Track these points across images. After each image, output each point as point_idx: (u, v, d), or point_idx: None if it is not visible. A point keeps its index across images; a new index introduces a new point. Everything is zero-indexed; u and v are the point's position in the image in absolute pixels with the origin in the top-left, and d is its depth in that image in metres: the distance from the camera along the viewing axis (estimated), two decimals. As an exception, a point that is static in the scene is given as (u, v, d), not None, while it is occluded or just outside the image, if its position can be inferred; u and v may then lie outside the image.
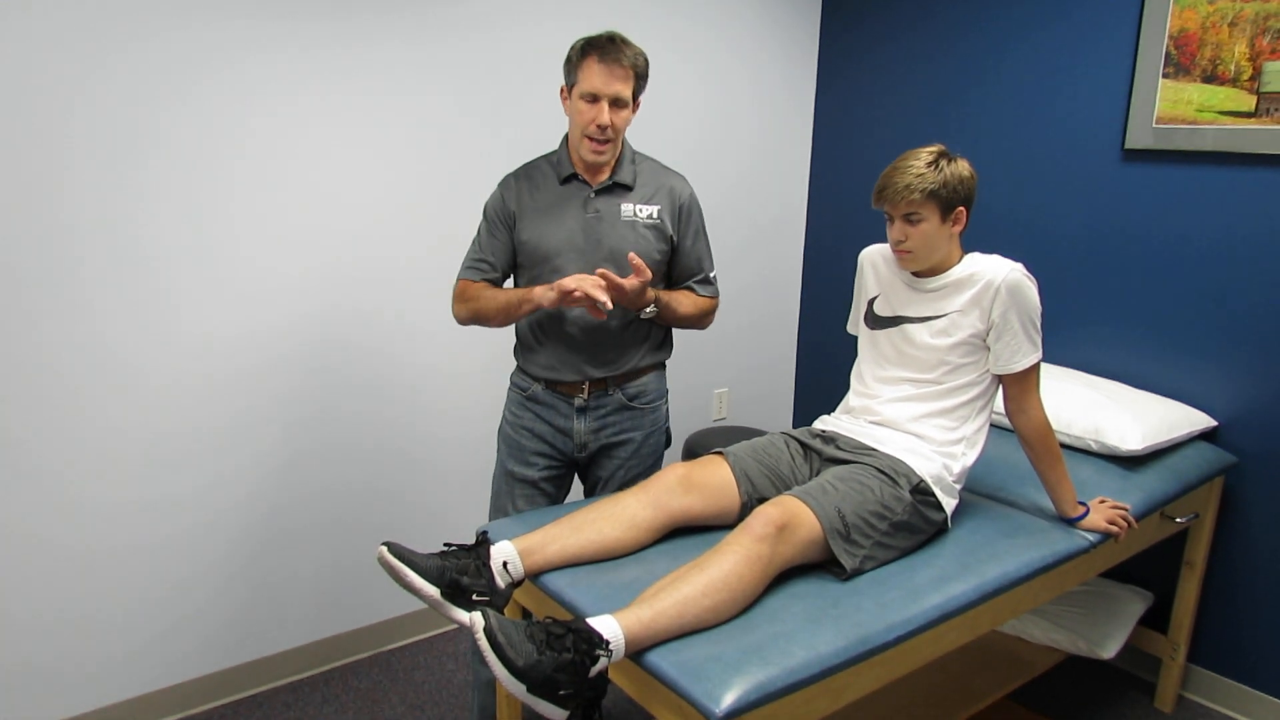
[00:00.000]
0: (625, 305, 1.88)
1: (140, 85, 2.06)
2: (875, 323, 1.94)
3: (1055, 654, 2.37)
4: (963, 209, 1.78)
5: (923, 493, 1.74)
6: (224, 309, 2.26)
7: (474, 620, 1.29)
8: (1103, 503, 1.94)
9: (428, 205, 2.55)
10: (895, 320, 1.89)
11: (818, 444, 1.86)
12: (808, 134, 3.45)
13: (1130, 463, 2.20)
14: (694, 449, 2.96)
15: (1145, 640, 2.55)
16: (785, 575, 1.57)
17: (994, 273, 1.77)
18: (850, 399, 1.99)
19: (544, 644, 1.28)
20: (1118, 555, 2.01)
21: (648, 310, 1.94)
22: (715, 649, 1.36)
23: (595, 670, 1.30)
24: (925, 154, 1.76)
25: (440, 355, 2.67)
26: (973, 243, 1.90)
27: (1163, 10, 2.41)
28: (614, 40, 1.86)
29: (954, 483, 1.82)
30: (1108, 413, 2.25)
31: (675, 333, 2.15)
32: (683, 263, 2.07)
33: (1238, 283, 2.37)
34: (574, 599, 1.52)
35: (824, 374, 3.57)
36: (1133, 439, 2.17)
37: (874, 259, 1.97)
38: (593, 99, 1.86)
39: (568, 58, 1.90)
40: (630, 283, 1.81)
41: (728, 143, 3.20)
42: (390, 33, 2.39)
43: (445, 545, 1.55)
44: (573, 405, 2.02)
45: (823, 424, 1.96)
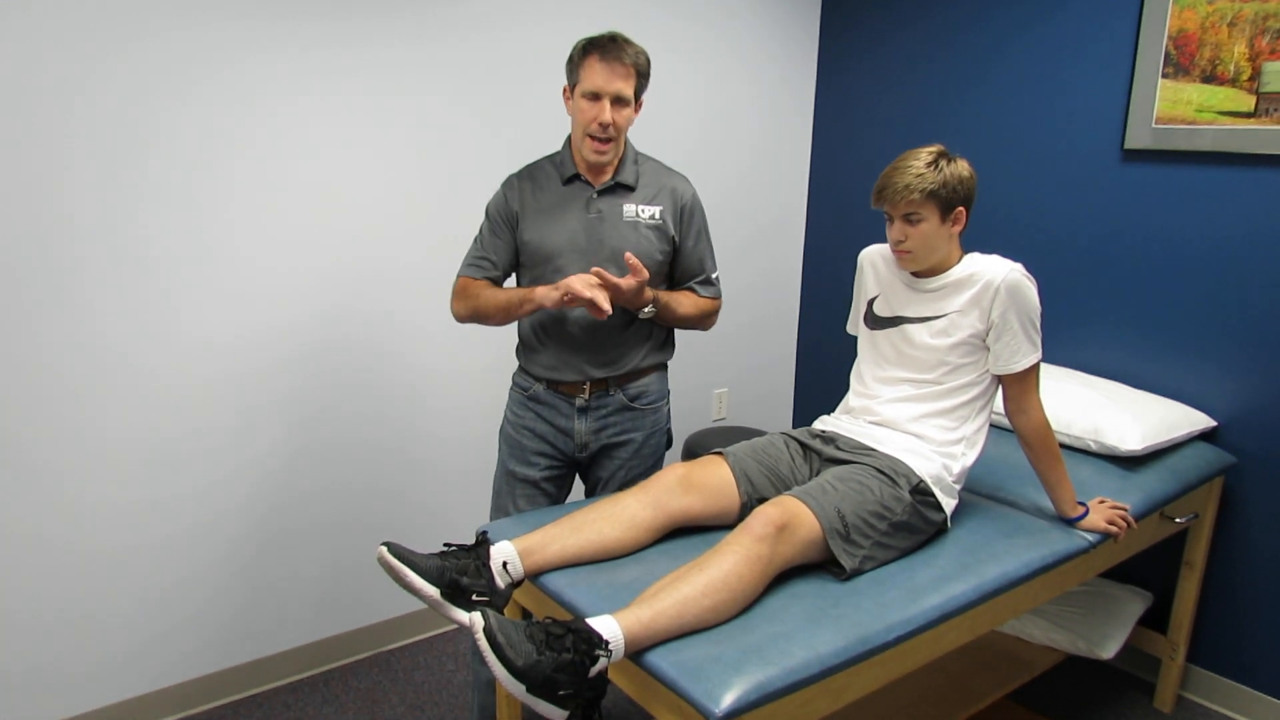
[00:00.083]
0: (623, 305, 1.89)
1: (140, 85, 2.06)
2: (875, 323, 1.94)
3: (1055, 654, 2.37)
4: (962, 209, 1.78)
5: (922, 493, 1.74)
6: (224, 309, 2.27)
7: (474, 620, 1.30)
8: (1102, 503, 1.94)
9: (428, 205, 2.55)
10: (895, 320, 1.89)
11: (817, 444, 1.86)
12: (808, 134, 3.45)
13: (1130, 463, 2.20)
14: (694, 449, 2.96)
15: (1145, 640, 2.55)
16: (785, 575, 1.57)
17: (993, 273, 1.77)
18: (850, 399, 1.99)
19: (544, 644, 1.28)
20: (1117, 555, 2.01)
21: (646, 310, 1.94)
22: (715, 649, 1.36)
23: (595, 670, 1.30)
24: (925, 154, 1.76)
25: (440, 355, 2.67)
26: (972, 243, 1.90)
27: (1162, 10, 2.41)
28: (615, 39, 1.87)
29: (953, 483, 1.82)
30: (1107, 413, 2.25)
31: (675, 332, 2.15)
32: (684, 263, 2.07)
33: (1237, 283, 2.37)
34: (574, 599, 1.52)
35: (824, 374, 3.57)
36: (1132, 439, 2.17)
37: (874, 259, 1.97)
38: (594, 97, 1.86)
39: (570, 57, 1.90)
40: (627, 282, 1.82)
41: (728, 143, 3.20)
42: (390, 33, 2.39)
43: (445, 545, 1.55)
44: (574, 405, 2.03)
45: (822, 424, 1.97)
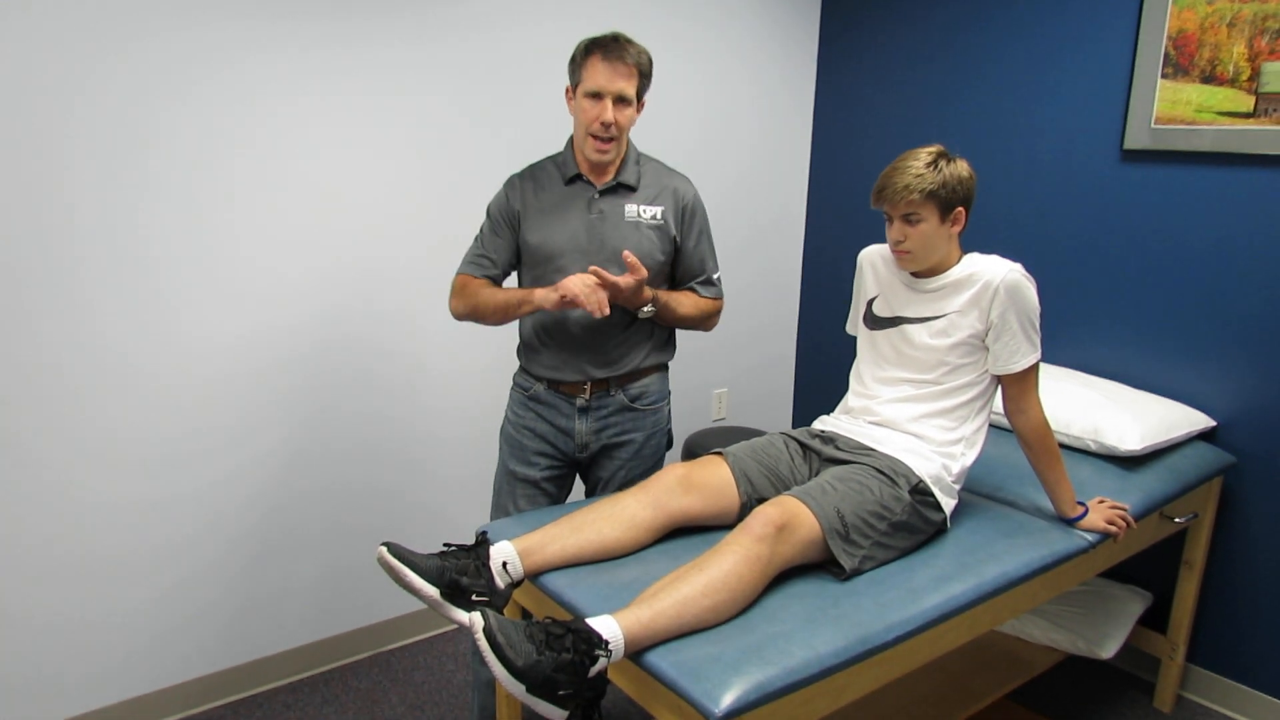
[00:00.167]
0: (622, 304, 1.89)
1: (140, 85, 2.06)
2: (874, 323, 1.94)
3: (1054, 654, 2.37)
4: (962, 209, 1.78)
5: (922, 493, 1.74)
6: (224, 309, 2.27)
7: (473, 620, 1.30)
8: (1102, 503, 1.94)
9: (428, 205, 2.55)
10: (894, 321, 1.90)
11: (817, 444, 1.86)
12: (808, 134, 3.45)
13: (1129, 463, 2.20)
14: (694, 449, 2.96)
15: (1144, 640, 2.56)
16: (785, 575, 1.57)
17: (993, 273, 1.77)
18: (849, 399, 1.99)
19: (543, 644, 1.28)
20: (1117, 555, 2.01)
21: (646, 309, 1.94)
22: (714, 649, 1.36)
23: (594, 670, 1.30)
24: (924, 154, 1.76)
25: (441, 355, 2.67)
26: (972, 243, 1.90)
27: (1161, 10, 2.41)
28: (618, 39, 1.87)
29: (953, 483, 1.82)
30: (1106, 413, 2.25)
31: (676, 333, 2.15)
32: (686, 263, 2.07)
33: (1236, 283, 2.37)
34: (573, 599, 1.52)
35: (823, 374, 3.57)
36: (1131, 439, 2.17)
37: (873, 259, 1.97)
38: (596, 96, 1.86)
39: (572, 57, 1.91)
40: (626, 280, 1.82)
41: (728, 143, 3.20)
42: (390, 33, 2.39)
43: (445, 545, 1.55)
44: (575, 405, 2.03)
45: (822, 424, 1.97)
